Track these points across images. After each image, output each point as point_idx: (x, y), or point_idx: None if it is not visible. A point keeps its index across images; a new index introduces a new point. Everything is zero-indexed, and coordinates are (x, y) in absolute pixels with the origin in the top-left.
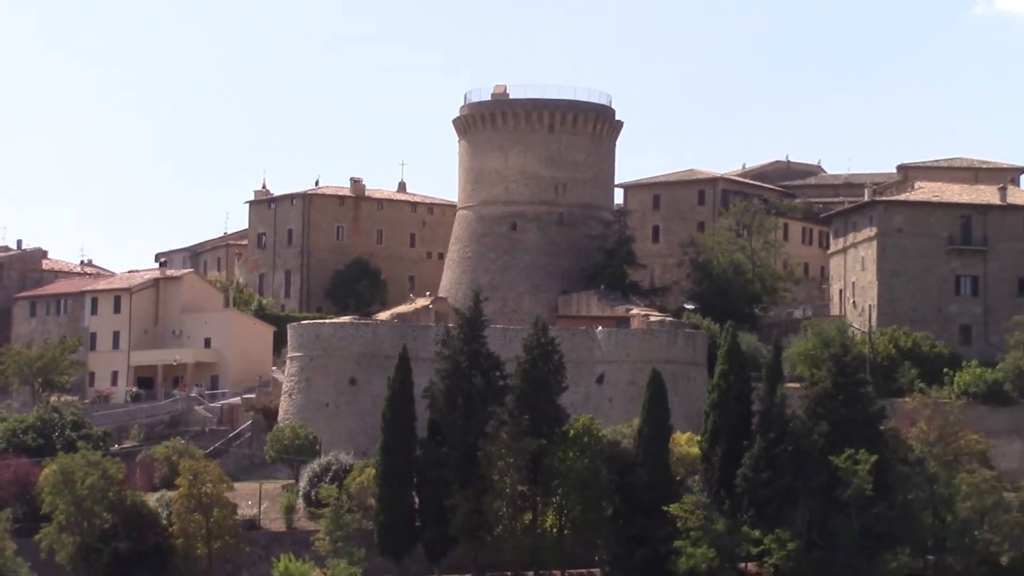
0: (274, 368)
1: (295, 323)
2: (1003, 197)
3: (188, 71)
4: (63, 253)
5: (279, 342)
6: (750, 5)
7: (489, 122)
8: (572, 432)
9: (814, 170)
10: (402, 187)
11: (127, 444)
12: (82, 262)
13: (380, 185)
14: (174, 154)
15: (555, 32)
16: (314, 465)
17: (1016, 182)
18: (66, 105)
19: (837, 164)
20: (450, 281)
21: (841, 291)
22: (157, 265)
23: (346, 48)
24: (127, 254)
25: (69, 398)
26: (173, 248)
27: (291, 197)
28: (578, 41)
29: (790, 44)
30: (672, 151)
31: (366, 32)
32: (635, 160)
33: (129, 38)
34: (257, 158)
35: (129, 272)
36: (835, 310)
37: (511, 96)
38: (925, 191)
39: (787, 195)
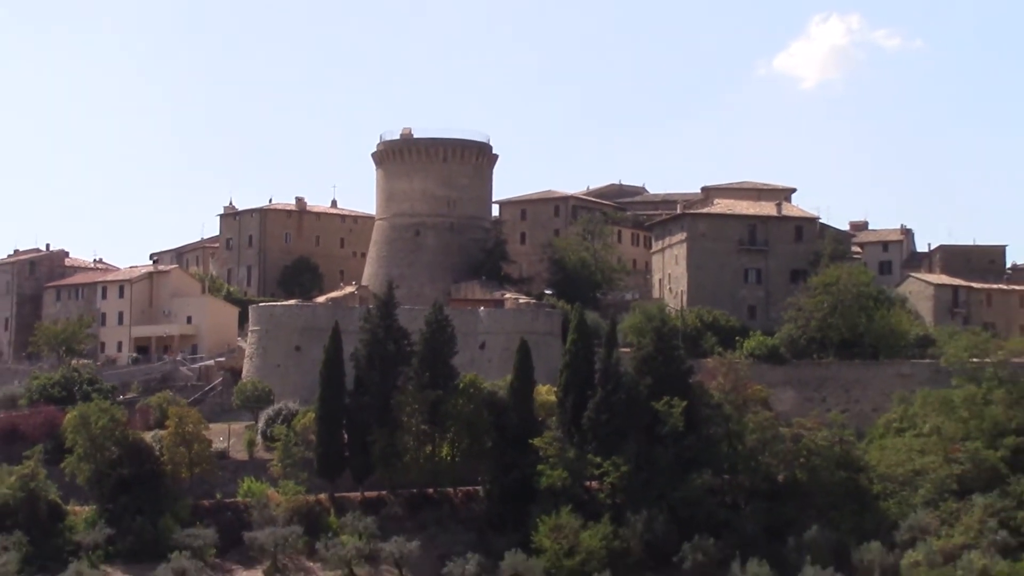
0: (239, 338)
1: (254, 305)
2: (779, 211)
3: (176, 116)
4: (80, 253)
5: (243, 319)
6: (590, 64)
7: (399, 155)
8: (461, 385)
9: (640, 191)
10: (334, 203)
11: (129, 395)
12: (95, 260)
13: (318, 202)
14: (164, 179)
15: (448, 86)
16: (269, 411)
17: (789, 199)
18: (84, 141)
19: (657, 186)
20: (370, 274)
21: (660, 280)
22: (151, 262)
23: (292, 98)
24: (129, 253)
25: (85, 361)
26: (163, 249)
27: (251, 211)
28: (465, 92)
29: (622, 93)
30: (534, 176)
31: (305, 84)
32: (507, 183)
33: (126, 87)
34: (225, 182)
35: (130, 267)
36: (656, 294)
37: (415, 136)
38: (722, 206)
39: (620, 209)
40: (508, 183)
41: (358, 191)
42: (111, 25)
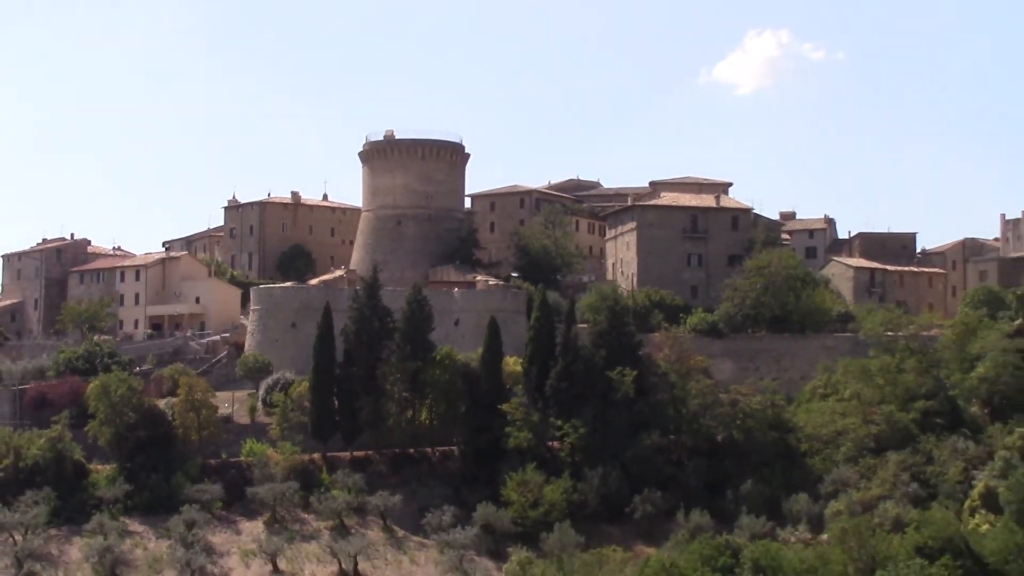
0: (241, 316)
1: (255, 287)
2: (718, 202)
3: (186, 121)
4: (101, 241)
5: (245, 300)
6: (552, 73)
7: (382, 154)
8: (438, 357)
9: (595, 185)
10: (325, 197)
11: (144, 367)
12: (114, 247)
13: (311, 196)
14: (175, 176)
15: (426, 92)
16: (268, 380)
17: (726, 192)
18: (107, 144)
19: (610, 181)
20: (357, 259)
21: (614, 264)
22: (164, 249)
23: (289, 104)
24: (144, 242)
25: (106, 337)
26: (174, 238)
27: (252, 204)
28: (442, 98)
29: (580, 98)
30: (502, 172)
31: (300, 92)
32: (478, 178)
33: (145, 96)
34: (229, 178)
35: (145, 254)
36: (610, 276)
37: (397, 137)
38: (667, 199)
39: (577, 202)
40: (479, 178)
41: (347, 186)
42: (124, 45)
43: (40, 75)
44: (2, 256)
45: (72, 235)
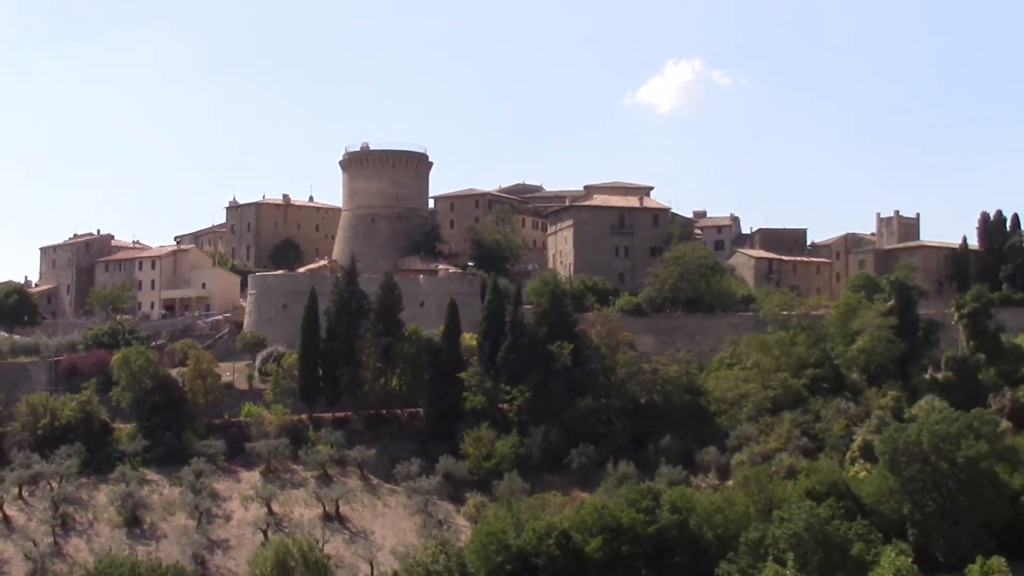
0: (241, 299)
1: (252, 274)
2: (641, 203)
3: (193, 134)
4: (123, 236)
5: (243, 285)
6: (502, 94)
7: (359, 162)
8: (406, 333)
9: (538, 189)
10: (311, 198)
11: (159, 342)
12: (134, 241)
13: (299, 197)
14: (185, 181)
15: (396, 109)
16: (263, 353)
17: (648, 195)
18: (128, 155)
19: (551, 185)
20: (338, 251)
21: (554, 255)
22: (175, 243)
23: (280, 120)
24: (159, 236)
25: (127, 316)
26: (184, 233)
27: (249, 204)
28: (409, 114)
29: (526, 115)
30: (459, 177)
31: (290, 108)
32: (440, 182)
33: (161, 113)
34: (230, 182)
35: (160, 247)
36: (550, 265)
37: (371, 148)
38: (599, 200)
39: (523, 202)
40: (440, 182)
41: (329, 189)
42: (142, 72)
43: (73, 98)
44: (40, 248)
45: (99, 230)
